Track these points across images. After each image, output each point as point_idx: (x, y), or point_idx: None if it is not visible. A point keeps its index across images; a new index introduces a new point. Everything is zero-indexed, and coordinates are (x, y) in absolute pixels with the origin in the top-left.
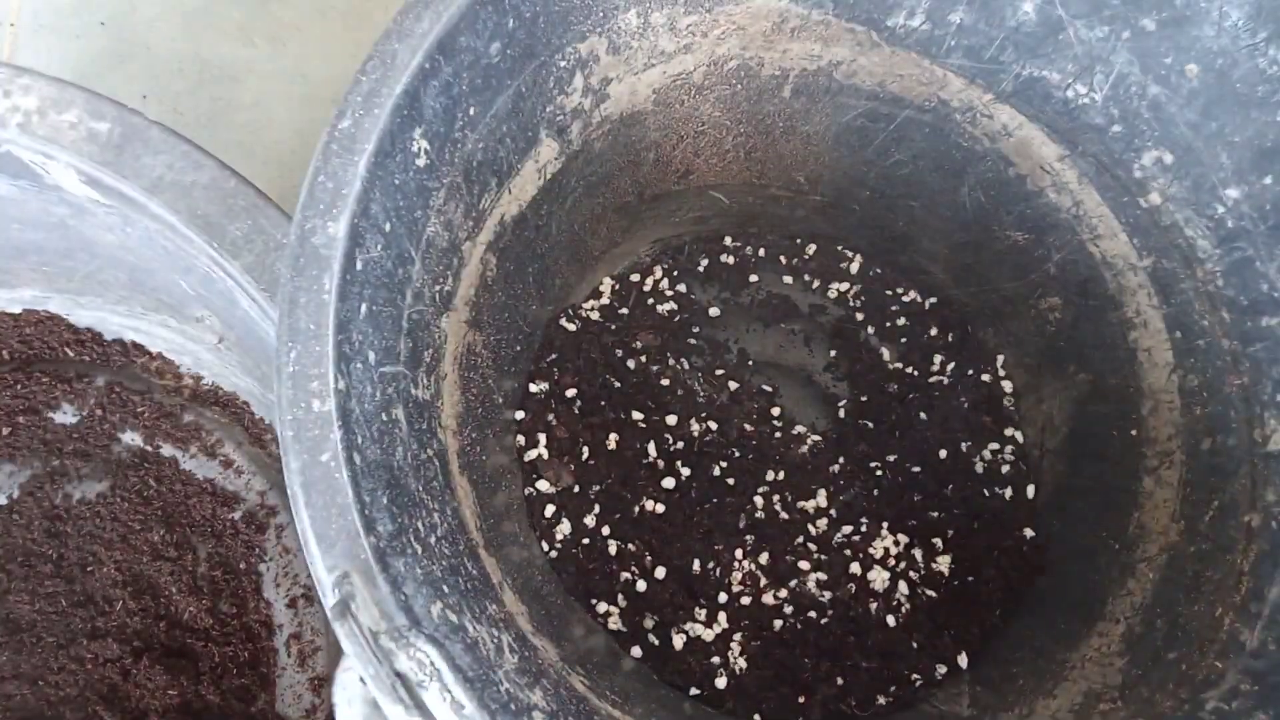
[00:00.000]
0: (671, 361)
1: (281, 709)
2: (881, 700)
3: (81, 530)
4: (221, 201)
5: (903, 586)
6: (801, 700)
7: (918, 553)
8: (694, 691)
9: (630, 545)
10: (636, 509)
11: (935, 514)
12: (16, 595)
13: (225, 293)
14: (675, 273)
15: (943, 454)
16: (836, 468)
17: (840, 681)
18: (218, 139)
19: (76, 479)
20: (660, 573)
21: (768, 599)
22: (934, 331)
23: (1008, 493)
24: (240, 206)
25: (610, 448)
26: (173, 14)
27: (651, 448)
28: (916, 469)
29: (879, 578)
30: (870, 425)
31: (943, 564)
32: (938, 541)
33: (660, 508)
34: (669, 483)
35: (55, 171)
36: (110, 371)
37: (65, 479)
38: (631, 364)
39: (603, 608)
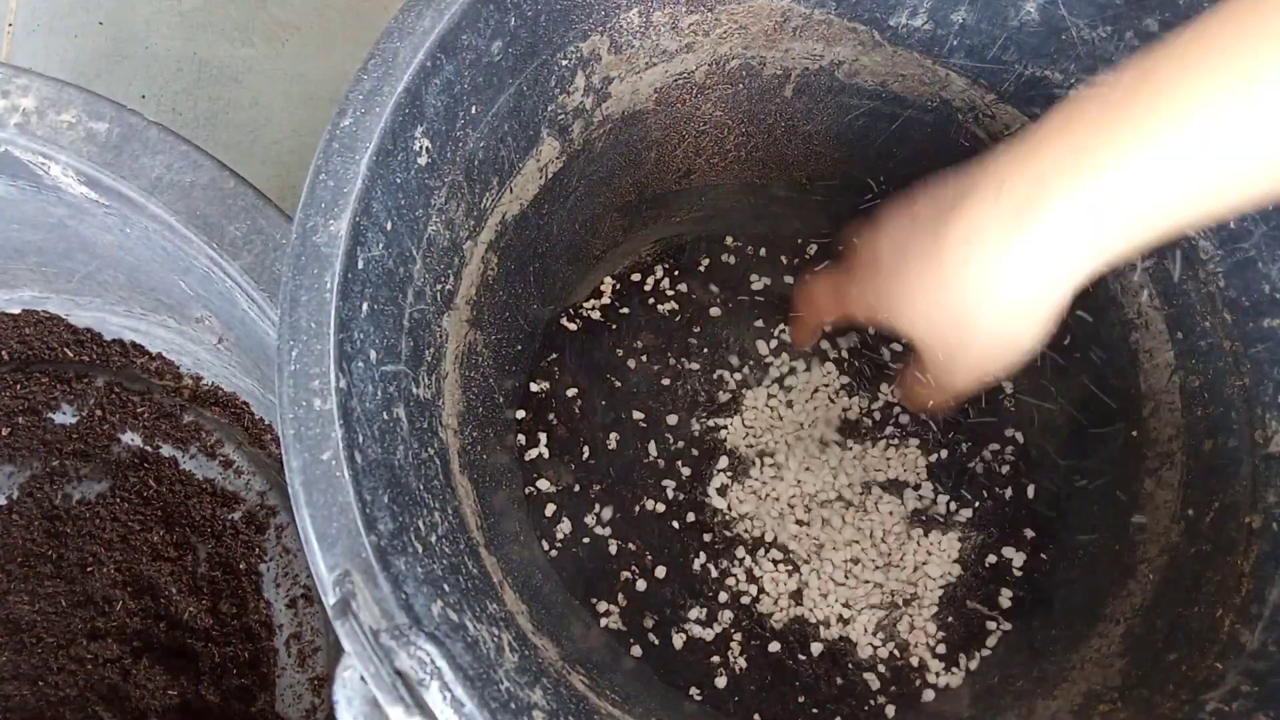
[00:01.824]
0: (672, 361)
1: (281, 709)
2: (881, 699)
3: (81, 531)
4: (220, 202)
5: None
6: (801, 700)
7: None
8: (694, 692)
9: (630, 545)
10: (637, 508)
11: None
12: (16, 596)
13: (224, 293)
14: (676, 272)
15: (943, 454)
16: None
17: (839, 681)
18: (216, 139)
19: (76, 479)
20: (660, 572)
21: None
22: None
23: (1008, 493)
24: (239, 207)
25: (610, 447)
26: (171, 13)
27: (652, 447)
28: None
29: None
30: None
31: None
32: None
33: (660, 507)
34: (669, 482)
35: (54, 172)
36: (110, 372)
37: (65, 479)
38: (632, 363)
39: (603, 607)
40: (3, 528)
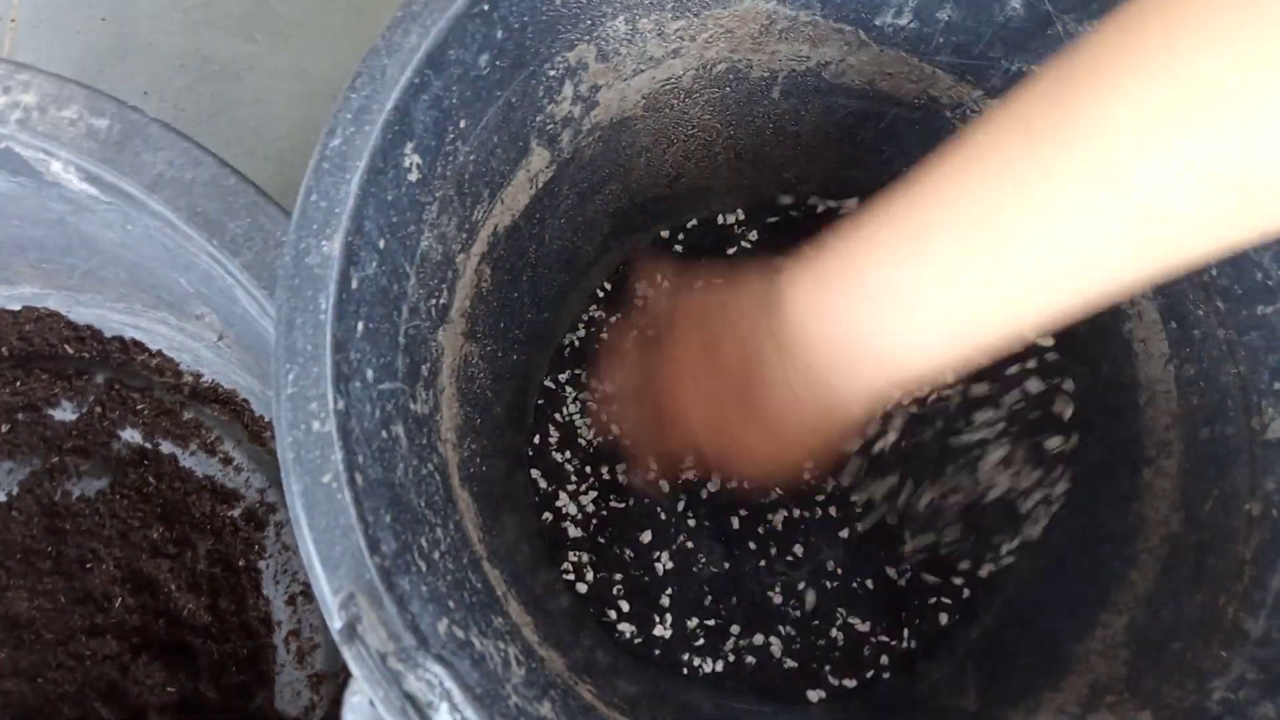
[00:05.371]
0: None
1: (280, 705)
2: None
3: (81, 527)
4: (221, 199)
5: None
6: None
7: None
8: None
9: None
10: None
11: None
12: (15, 592)
13: (225, 290)
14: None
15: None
16: None
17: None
18: (218, 136)
19: (76, 476)
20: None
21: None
22: None
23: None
24: (240, 204)
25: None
26: (174, 10)
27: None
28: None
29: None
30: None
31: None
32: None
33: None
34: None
35: (55, 168)
36: (110, 369)
37: (64, 476)
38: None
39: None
40: (2, 524)
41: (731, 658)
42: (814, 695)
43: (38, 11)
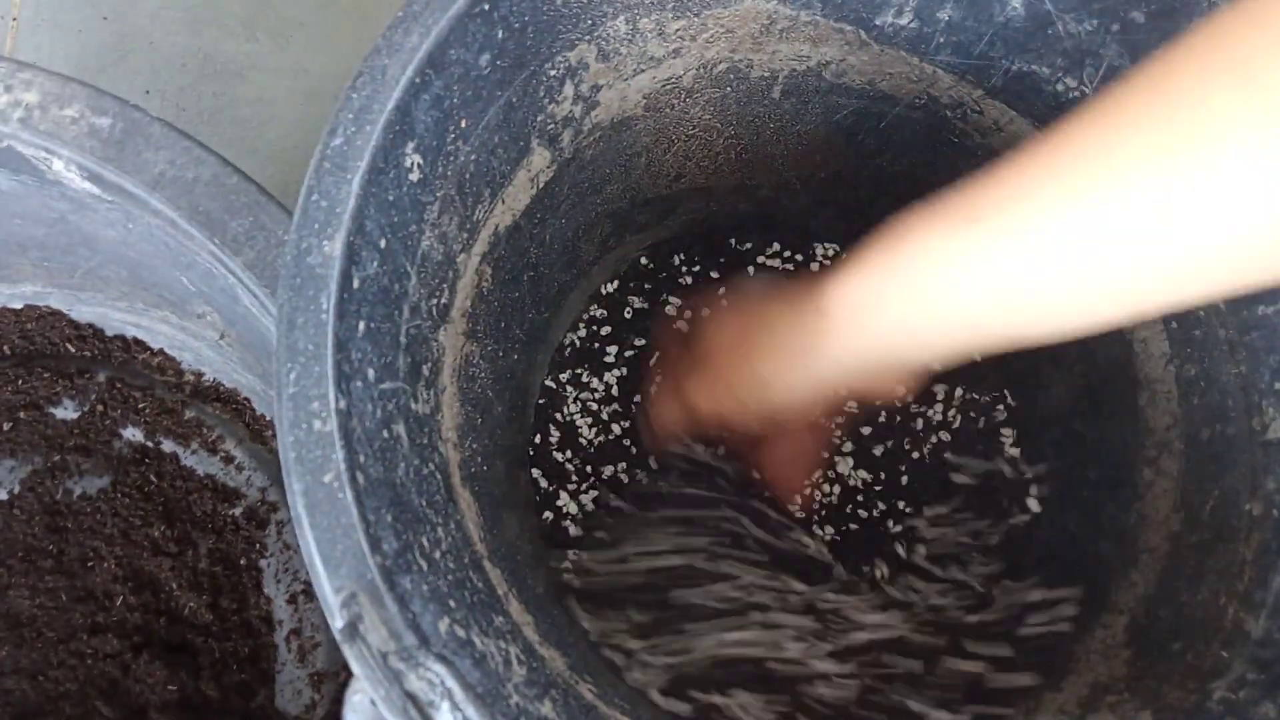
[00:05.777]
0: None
1: (281, 704)
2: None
3: (82, 526)
4: (223, 198)
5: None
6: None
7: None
8: None
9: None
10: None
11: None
12: (16, 590)
13: (226, 289)
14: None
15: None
16: None
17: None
18: (220, 135)
19: (77, 474)
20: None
21: None
22: None
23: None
24: (241, 203)
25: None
26: (175, 9)
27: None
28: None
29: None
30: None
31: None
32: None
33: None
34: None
35: (56, 166)
36: (111, 367)
37: (66, 474)
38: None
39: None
40: (3, 522)
41: None
42: None
43: (39, 10)
